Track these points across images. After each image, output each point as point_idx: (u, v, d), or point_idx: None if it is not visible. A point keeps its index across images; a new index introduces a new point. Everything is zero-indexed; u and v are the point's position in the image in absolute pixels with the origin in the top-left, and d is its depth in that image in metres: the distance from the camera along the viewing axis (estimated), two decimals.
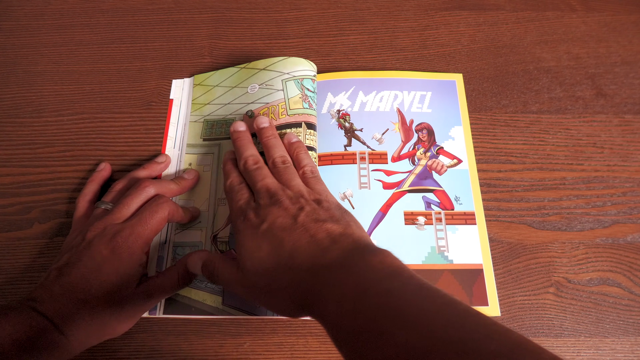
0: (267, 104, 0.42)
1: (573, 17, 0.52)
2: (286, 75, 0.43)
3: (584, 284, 0.40)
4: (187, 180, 0.41)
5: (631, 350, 0.38)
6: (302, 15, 0.52)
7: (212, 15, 0.52)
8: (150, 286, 0.34)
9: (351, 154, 0.44)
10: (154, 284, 0.34)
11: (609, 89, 0.48)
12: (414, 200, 0.42)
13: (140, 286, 0.33)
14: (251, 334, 0.38)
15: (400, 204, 0.42)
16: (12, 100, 0.47)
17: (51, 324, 0.30)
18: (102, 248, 0.33)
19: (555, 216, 0.43)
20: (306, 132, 0.41)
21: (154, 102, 0.47)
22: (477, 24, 0.52)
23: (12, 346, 0.28)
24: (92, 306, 0.31)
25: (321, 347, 0.38)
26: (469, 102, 0.47)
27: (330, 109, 0.46)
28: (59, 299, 0.31)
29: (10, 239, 0.41)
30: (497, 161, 0.45)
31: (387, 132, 0.45)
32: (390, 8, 0.53)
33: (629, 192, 0.44)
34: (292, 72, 0.43)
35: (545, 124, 0.46)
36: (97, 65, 0.49)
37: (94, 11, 0.52)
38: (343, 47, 0.50)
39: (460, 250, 0.40)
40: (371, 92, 0.47)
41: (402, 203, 0.42)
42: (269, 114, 0.42)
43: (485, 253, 0.40)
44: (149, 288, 0.34)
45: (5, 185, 0.43)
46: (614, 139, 0.46)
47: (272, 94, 0.43)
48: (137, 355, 0.38)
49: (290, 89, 0.42)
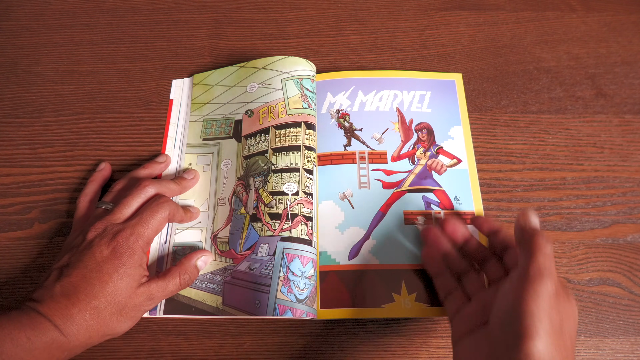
0: (267, 103, 0.42)
1: (573, 17, 0.52)
2: (285, 74, 0.43)
3: (584, 284, 0.40)
4: (188, 180, 0.41)
5: (631, 350, 0.38)
6: (302, 15, 0.52)
7: (212, 15, 0.52)
8: (152, 287, 0.34)
9: (351, 153, 0.44)
10: (156, 285, 0.34)
11: (609, 89, 0.48)
12: (414, 200, 0.42)
13: (142, 287, 0.33)
14: (251, 334, 0.38)
15: (400, 204, 0.42)
16: (12, 100, 0.47)
17: (52, 325, 0.30)
18: (103, 248, 0.33)
19: (555, 216, 0.43)
20: (305, 132, 0.41)
21: (154, 102, 0.47)
22: (477, 24, 0.52)
23: (13, 347, 0.28)
24: (93, 306, 0.31)
25: (321, 347, 0.38)
26: (469, 102, 0.47)
27: (329, 109, 0.46)
28: (60, 300, 0.31)
29: (10, 239, 0.41)
30: (497, 161, 0.45)
31: (387, 132, 0.45)
32: (390, 8, 0.53)
33: (629, 192, 0.44)
34: (291, 72, 0.43)
35: (545, 124, 0.46)
36: (97, 65, 0.49)
37: (94, 11, 0.52)
38: (343, 47, 0.50)
39: None
40: (371, 92, 0.47)
41: (402, 203, 0.42)
42: (268, 113, 0.42)
43: None
44: (150, 289, 0.34)
45: (5, 185, 0.43)
46: (614, 139, 0.46)
47: (271, 93, 0.43)
48: (137, 355, 0.38)
49: (290, 88, 0.42)
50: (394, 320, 0.39)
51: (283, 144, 0.40)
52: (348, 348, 0.38)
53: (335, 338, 0.38)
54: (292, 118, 0.41)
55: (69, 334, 0.30)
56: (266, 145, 0.41)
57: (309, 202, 0.39)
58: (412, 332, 0.39)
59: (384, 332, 0.38)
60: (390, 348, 0.38)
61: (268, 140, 0.41)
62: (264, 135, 0.41)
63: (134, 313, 0.33)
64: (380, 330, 0.39)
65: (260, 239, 0.38)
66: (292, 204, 0.38)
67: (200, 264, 0.37)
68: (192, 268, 0.36)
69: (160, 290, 0.34)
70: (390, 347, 0.38)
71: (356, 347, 0.38)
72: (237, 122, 0.43)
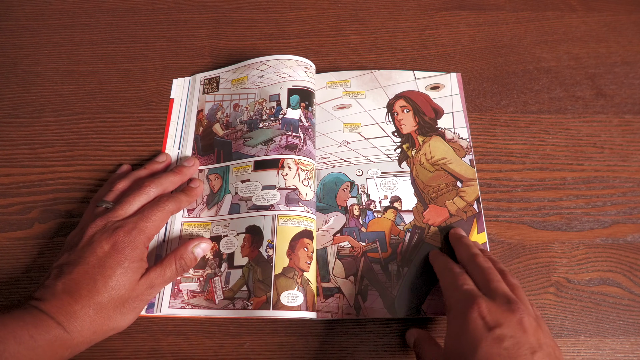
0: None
1: (573, 17, 0.52)
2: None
3: (584, 284, 0.40)
4: (194, 189, 0.41)
5: (631, 350, 0.38)
6: (302, 15, 0.52)
7: (212, 15, 0.52)
8: (151, 276, 0.34)
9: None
10: (154, 273, 0.34)
11: (609, 89, 0.48)
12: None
13: (142, 278, 0.34)
14: (251, 334, 0.38)
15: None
16: (12, 100, 0.47)
17: (55, 322, 0.30)
18: (104, 243, 0.33)
19: (555, 216, 0.43)
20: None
21: (154, 102, 0.47)
22: (477, 24, 0.52)
23: (16, 345, 0.28)
24: (96, 302, 0.31)
25: (321, 347, 0.38)
26: (469, 102, 0.47)
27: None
28: (62, 297, 0.31)
29: (10, 239, 0.41)
30: (497, 161, 0.45)
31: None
32: (390, 8, 0.53)
33: (629, 192, 0.44)
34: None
35: (545, 124, 0.46)
36: (97, 65, 0.49)
37: (94, 11, 0.52)
38: (343, 47, 0.50)
39: None
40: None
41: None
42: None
43: None
44: (149, 278, 0.34)
45: (5, 185, 0.43)
46: (614, 139, 0.46)
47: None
48: (137, 355, 0.38)
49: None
50: (394, 320, 0.39)
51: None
52: (348, 348, 0.38)
53: (335, 338, 0.38)
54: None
55: (72, 331, 0.30)
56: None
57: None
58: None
59: (384, 332, 0.38)
60: (390, 348, 0.38)
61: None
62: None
63: (136, 304, 0.34)
64: (380, 330, 0.39)
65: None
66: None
67: (198, 251, 0.37)
68: (189, 254, 0.36)
69: (158, 277, 0.34)
70: (390, 347, 0.38)
71: (356, 347, 0.38)
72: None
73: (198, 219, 0.41)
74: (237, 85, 0.45)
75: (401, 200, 0.42)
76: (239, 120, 0.44)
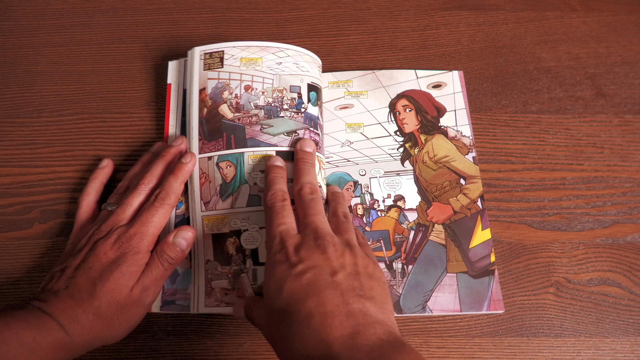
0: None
1: (573, 17, 0.52)
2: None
3: (584, 284, 0.40)
4: (185, 164, 0.39)
5: (631, 350, 0.38)
6: (302, 15, 0.52)
7: (212, 15, 0.52)
8: (142, 278, 0.34)
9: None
10: (144, 275, 0.34)
11: (609, 89, 0.48)
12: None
13: (136, 283, 0.34)
14: (251, 334, 0.38)
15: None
16: (12, 100, 0.47)
17: (57, 324, 0.30)
18: (107, 249, 0.33)
19: (555, 216, 0.43)
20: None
21: (154, 102, 0.47)
22: (477, 24, 0.52)
23: (19, 347, 0.29)
24: (95, 306, 0.31)
25: None
26: (469, 102, 0.47)
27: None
28: (65, 300, 0.31)
29: (10, 239, 0.41)
30: (497, 161, 0.45)
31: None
32: (390, 8, 0.53)
33: (629, 192, 0.44)
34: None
35: (545, 124, 0.46)
36: (97, 65, 0.49)
37: (94, 11, 0.52)
38: (343, 47, 0.50)
39: None
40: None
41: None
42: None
43: None
44: (141, 280, 0.34)
45: (5, 185, 0.43)
46: (614, 139, 0.46)
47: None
48: (137, 355, 0.38)
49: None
50: (400, 319, 0.38)
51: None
52: None
53: None
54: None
55: (73, 334, 0.30)
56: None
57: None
58: (412, 332, 0.39)
59: None
60: None
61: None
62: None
63: (135, 310, 0.34)
64: None
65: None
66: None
67: (179, 241, 0.36)
68: (169, 246, 0.35)
69: (147, 277, 0.34)
70: None
71: None
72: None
73: (215, 212, 0.39)
74: (248, 65, 0.42)
75: (405, 199, 0.42)
76: (253, 104, 0.40)
